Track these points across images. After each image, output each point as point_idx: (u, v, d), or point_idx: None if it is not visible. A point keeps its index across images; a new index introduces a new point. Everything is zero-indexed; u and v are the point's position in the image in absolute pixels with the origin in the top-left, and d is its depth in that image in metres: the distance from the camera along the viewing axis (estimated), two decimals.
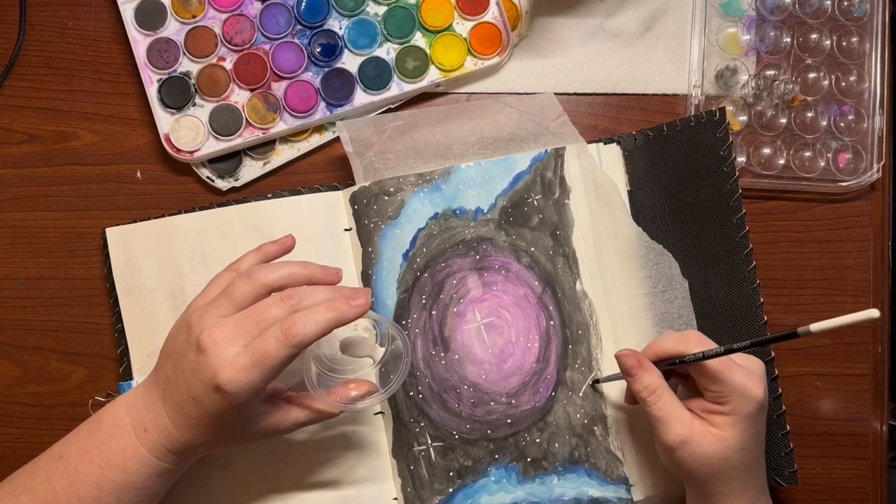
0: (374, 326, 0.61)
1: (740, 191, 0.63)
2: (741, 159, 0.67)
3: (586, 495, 0.62)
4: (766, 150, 0.67)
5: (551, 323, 0.64)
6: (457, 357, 0.63)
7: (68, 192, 0.67)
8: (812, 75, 0.68)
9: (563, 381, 0.63)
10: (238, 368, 0.49)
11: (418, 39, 0.67)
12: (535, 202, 0.65)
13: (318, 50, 0.66)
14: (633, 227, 0.64)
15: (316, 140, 0.67)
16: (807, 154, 0.67)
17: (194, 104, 0.66)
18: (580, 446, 0.63)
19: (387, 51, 0.67)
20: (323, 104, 0.66)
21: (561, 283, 0.64)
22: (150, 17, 0.66)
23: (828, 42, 0.68)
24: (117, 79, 0.67)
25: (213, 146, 0.65)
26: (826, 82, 0.67)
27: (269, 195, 0.65)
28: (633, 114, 0.68)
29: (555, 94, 0.65)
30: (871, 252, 0.67)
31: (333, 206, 0.65)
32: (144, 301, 0.64)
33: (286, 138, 0.67)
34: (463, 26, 0.67)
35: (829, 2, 0.68)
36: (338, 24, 0.67)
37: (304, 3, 0.66)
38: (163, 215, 0.65)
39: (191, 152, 0.65)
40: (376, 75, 0.66)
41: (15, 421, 0.66)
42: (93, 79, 0.67)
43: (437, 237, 0.64)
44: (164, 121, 0.65)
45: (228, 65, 0.66)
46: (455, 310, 0.64)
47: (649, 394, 0.55)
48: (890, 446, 0.67)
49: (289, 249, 0.58)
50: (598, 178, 0.65)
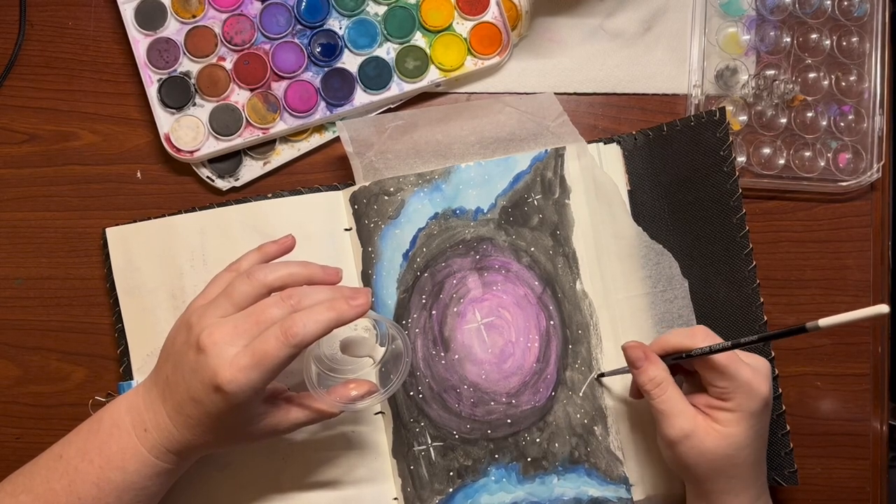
0: (375, 326, 0.61)
1: (740, 191, 0.63)
2: (741, 159, 0.67)
3: (586, 495, 0.62)
4: (766, 150, 0.67)
5: (551, 323, 0.64)
6: (457, 357, 0.63)
7: (68, 192, 0.67)
8: (812, 75, 0.68)
9: (563, 381, 0.63)
10: (238, 368, 0.49)
11: (418, 39, 0.67)
12: (535, 202, 0.64)
13: (318, 50, 0.66)
14: (633, 227, 0.64)
15: (316, 140, 0.67)
16: (807, 154, 0.67)
17: (194, 104, 0.66)
18: (580, 446, 0.63)
19: (387, 51, 0.67)
20: (323, 104, 0.66)
21: (561, 282, 0.64)
22: (150, 17, 0.66)
23: (828, 42, 0.68)
24: (117, 79, 0.67)
25: (213, 146, 0.65)
26: (826, 82, 0.67)
27: (269, 195, 0.65)
28: (633, 114, 0.68)
29: (555, 94, 0.65)
30: (871, 252, 0.67)
31: (333, 206, 0.65)
32: (144, 301, 0.64)
33: (286, 138, 0.67)
34: (463, 26, 0.67)
35: (829, 2, 0.68)
36: (338, 24, 0.67)
37: (304, 3, 0.66)
38: (163, 215, 0.65)
39: (191, 152, 0.65)
40: (376, 75, 0.66)
41: (15, 421, 0.66)
42: (93, 79, 0.67)
43: (438, 237, 0.64)
44: (164, 121, 0.65)
45: (228, 65, 0.66)
46: (455, 310, 0.64)
47: (654, 386, 0.55)
48: (890, 446, 0.67)
49: (289, 249, 0.58)
50: (598, 178, 0.65)
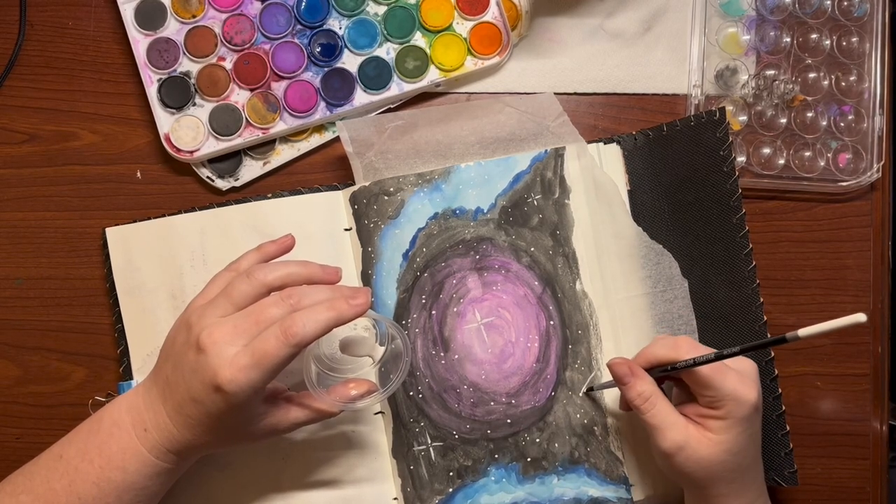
0: (374, 326, 0.61)
1: (740, 191, 0.63)
2: (741, 159, 0.67)
3: (586, 495, 0.62)
4: (766, 150, 0.67)
5: (551, 323, 0.64)
6: (457, 357, 0.63)
7: (68, 192, 0.67)
8: (812, 75, 0.68)
9: (562, 381, 0.63)
10: (238, 368, 0.49)
11: (418, 39, 0.67)
12: (535, 202, 0.64)
13: (318, 50, 0.66)
14: (633, 227, 0.64)
15: (316, 140, 0.67)
16: (807, 154, 0.67)
17: (194, 104, 0.66)
18: (580, 446, 0.63)
19: (387, 51, 0.67)
20: (323, 104, 0.66)
21: (561, 282, 0.64)
22: (150, 17, 0.66)
23: (828, 42, 0.68)
24: (117, 79, 0.67)
25: (213, 146, 0.65)
26: (826, 82, 0.67)
27: (269, 195, 0.65)
28: (633, 114, 0.68)
29: (555, 94, 0.65)
30: (871, 252, 0.67)
31: (333, 206, 0.65)
32: (144, 301, 0.64)
33: (286, 138, 0.67)
34: (463, 26, 0.67)
35: (829, 2, 0.68)
36: (338, 24, 0.67)
37: (304, 3, 0.66)
38: (163, 215, 0.65)
39: (191, 152, 0.65)
40: (376, 75, 0.66)
41: (15, 421, 0.66)
42: (93, 79, 0.67)
43: (437, 237, 0.64)
44: (164, 121, 0.65)
45: (228, 65, 0.66)
46: (455, 310, 0.64)
47: (643, 401, 0.55)
48: (890, 446, 0.67)
49: (288, 249, 0.58)
50: (598, 178, 0.65)
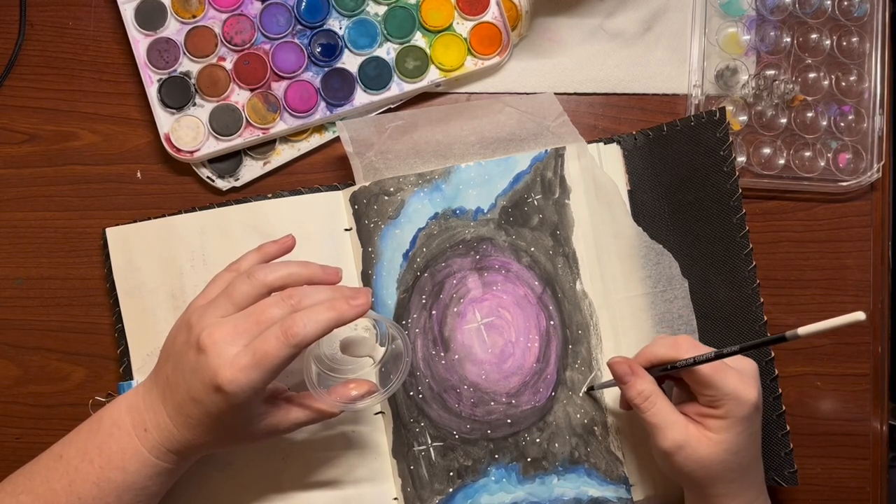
0: (375, 326, 0.61)
1: (740, 191, 0.63)
2: (741, 159, 0.67)
3: (586, 495, 0.62)
4: (766, 150, 0.67)
5: (551, 323, 0.64)
6: (457, 357, 0.63)
7: (68, 192, 0.67)
8: (812, 75, 0.68)
9: (563, 381, 0.63)
10: (238, 368, 0.49)
11: (418, 39, 0.67)
12: (535, 202, 0.64)
13: (318, 50, 0.66)
14: (633, 227, 0.64)
15: (316, 140, 0.67)
16: (807, 154, 0.67)
17: (194, 104, 0.66)
18: (580, 446, 0.63)
19: (387, 51, 0.67)
20: (323, 104, 0.66)
21: (561, 282, 0.64)
22: (150, 16, 0.66)
23: (828, 42, 0.68)
24: (117, 79, 0.67)
25: (213, 146, 0.65)
26: (826, 82, 0.67)
27: (269, 195, 0.65)
28: (633, 114, 0.68)
29: (555, 94, 0.65)
30: (871, 252, 0.67)
31: (333, 206, 0.65)
32: (144, 301, 0.64)
33: (286, 138, 0.67)
34: (463, 26, 0.67)
35: (829, 2, 0.68)
36: (338, 24, 0.67)
37: (304, 3, 0.66)
38: (163, 215, 0.65)
39: (191, 152, 0.65)
40: (376, 75, 0.66)
41: (15, 421, 0.66)
42: (93, 79, 0.67)
43: (437, 237, 0.64)
44: (164, 121, 0.65)
45: (228, 65, 0.66)
46: (455, 310, 0.64)
47: (643, 400, 0.55)
48: (890, 446, 0.67)
49: (289, 249, 0.58)
50: (598, 178, 0.65)
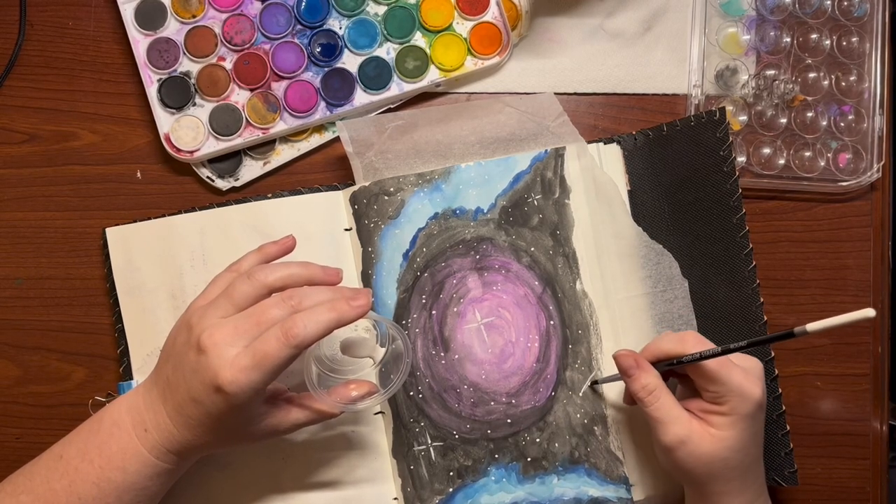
0: (375, 327, 0.61)
1: (740, 191, 0.63)
2: (741, 159, 0.67)
3: (586, 495, 0.62)
4: (766, 150, 0.67)
5: (551, 323, 0.64)
6: (457, 357, 0.63)
7: (68, 192, 0.67)
8: (812, 75, 0.68)
9: (563, 381, 0.63)
10: (238, 369, 0.49)
11: (418, 39, 0.67)
12: (535, 202, 0.64)
13: (318, 50, 0.66)
14: (633, 227, 0.64)
15: (316, 140, 0.67)
16: (807, 154, 0.67)
17: (194, 104, 0.66)
18: (580, 446, 0.63)
19: (387, 51, 0.67)
20: (323, 104, 0.66)
21: (561, 282, 0.64)
22: (150, 17, 0.66)
23: (828, 42, 0.68)
24: (117, 79, 0.67)
25: (213, 146, 0.65)
26: (826, 82, 0.67)
27: (269, 195, 0.65)
28: (633, 114, 0.68)
29: (555, 94, 0.65)
30: (871, 252, 0.67)
31: (333, 206, 0.65)
32: (144, 301, 0.64)
33: (286, 138, 0.67)
34: (463, 26, 0.67)
35: (829, 2, 0.68)
36: (338, 24, 0.67)
37: (304, 3, 0.66)
38: (163, 215, 0.65)
39: (191, 152, 0.65)
40: (376, 75, 0.66)
41: (15, 421, 0.66)
42: (93, 79, 0.67)
43: (437, 237, 0.64)
44: (164, 121, 0.65)
45: (228, 65, 0.66)
46: (455, 310, 0.64)
47: (647, 394, 0.55)
48: (890, 446, 0.67)
49: (289, 250, 0.58)
50: (598, 178, 0.65)
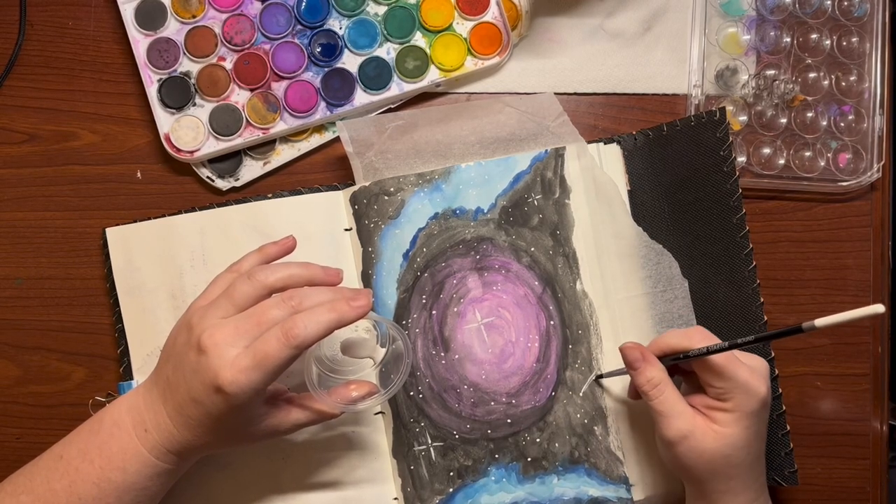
0: (375, 327, 0.61)
1: (740, 191, 0.63)
2: (741, 159, 0.67)
3: (586, 495, 0.62)
4: (766, 150, 0.67)
5: (551, 323, 0.64)
6: (457, 357, 0.63)
7: (68, 192, 0.67)
8: (812, 75, 0.68)
9: (563, 381, 0.63)
10: (239, 369, 0.49)
11: (418, 39, 0.67)
12: (536, 202, 0.64)
13: (318, 50, 0.66)
14: (633, 227, 0.64)
15: (316, 140, 0.67)
16: (807, 154, 0.67)
17: (194, 104, 0.66)
18: (580, 446, 0.63)
19: (387, 51, 0.67)
20: (323, 104, 0.66)
21: (561, 282, 0.64)
22: (150, 16, 0.66)
23: (828, 42, 0.68)
24: (117, 79, 0.67)
25: (213, 146, 0.65)
26: (826, 82, 0.67)
27: (269, 195, 0.65)
28: (633, 114, 0.68)
29: (555, 94, 0.65)
30: (871, 252, 0.67)
31: (333, 206, 0.65)
32: (144, 301, 0.64)
33: (286, 138, 0.67)
34: (463, 26, 0.67)
35: (829, 2, 0.68)
36: (338, 24, 0.67)
37: (304, 3, 0.66)
38: (163, 215, 0.65)
39: (191, 152, 0.65)
40: (376, 75, 0.66)
41: (15, 421, 0.66)
42: (93, 79, 0.67)
43: (438, 237, 0.64)
44: (164, 121, 0.65)
45: (228, 65, 0.66)
46: (455, 310, 0.64)
47: (652, 387, 0.55)
48: (890, 446, 0.67)
49: (290, 250, 0.58)
50: (598, 177, 0.65)
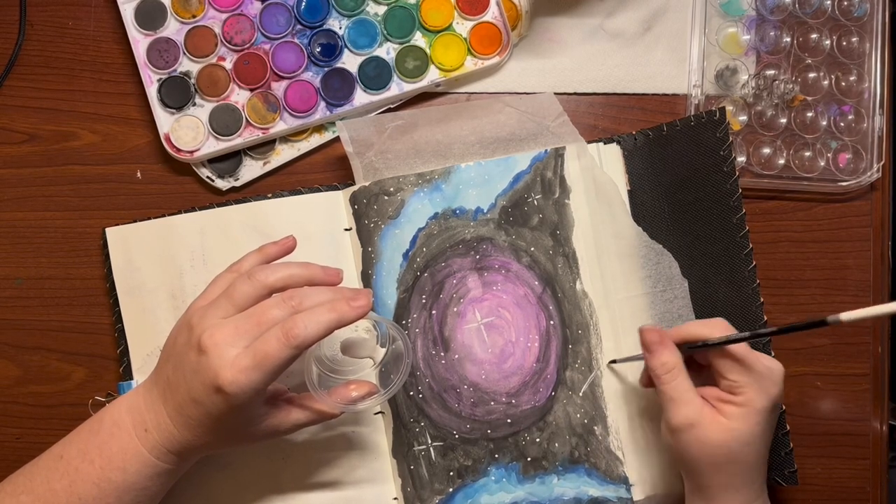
0: (375, 327, 0.61)
1: (740, 191, 0.63)
2: (741, 159, 0.67)
3: (586, 495, 0.62)
4: (766, 150, 0.67)
5: (551, 323, 0.64)
6: (457, 357, 0.63)
7: (68, 192, 0.67)
8: (812, 75, 0.68)
9: (563, 381, 0.63)
10: (239, 369, 0.49)
11: (418, 39, 0.67)
12: (535, 202, 0.64)
13: (318, 50, 0.66)
14: (633, 226, 0.64)
15: (316, 140, 0.67)
16: (807, 154, 0.67)
17: (194, 104, 0.66)
18: (580, 446, 0.63)
19: (387, 50, 0.67)
20: (323, 104, 0.66)
21: (561, 282, 0.64)
22: (150, 16, 0.66)
23: (828, 42, 0.68)
24: (117, 79, 0.67)
25: (213, 146, 0.65)
26: (826, 82, 0.67)
27: (269, 195, 0.65)
28: (633, 114, 0.68)
29: (555, 94, 0.65)
30: (871, 252, 0.67)
31: (333, 206, 0.65)
32: (144, 301, 0.64)
33: (286, 138, 0.67)
34: (463, 26, 0.67)
35: (829, 2, 0.68)
36: (338, 24, 0.67)
37: (304, 3, 0.66)
38: (163, 215, 0.65)
39: (191, 152, 0.65)
40: (376, 75, 0.66)
41: (15, 421, 0.66)
42: (93, 79, 0.67)
43: (437, 237, 0.64)
44: (164, 121, 0.65)
45: (228, 64, 0.66)
46: (455, 309, 0.64)
47: (665, 371, 0.54)
48: (890, 446, 0.67)
49: (290, 250, 0.58)
50: (598, 177, 0.65)
